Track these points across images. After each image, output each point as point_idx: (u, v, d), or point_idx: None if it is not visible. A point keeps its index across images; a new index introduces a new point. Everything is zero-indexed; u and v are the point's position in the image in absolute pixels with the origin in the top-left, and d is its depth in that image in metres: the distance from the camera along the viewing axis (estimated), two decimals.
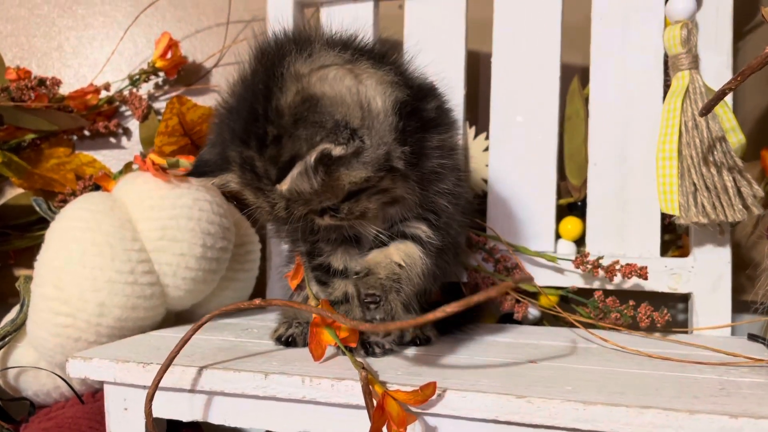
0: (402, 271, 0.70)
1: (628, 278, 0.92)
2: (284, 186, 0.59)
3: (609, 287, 0.96)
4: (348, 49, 0.66)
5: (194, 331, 0.66)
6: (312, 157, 0.57)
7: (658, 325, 0.87)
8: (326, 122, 0.58)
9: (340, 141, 0.58)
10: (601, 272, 0.93)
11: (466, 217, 0.82)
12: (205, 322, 0.66)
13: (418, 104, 0.67)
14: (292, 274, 0.81)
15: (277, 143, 0.59)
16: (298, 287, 0.81)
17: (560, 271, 0.99)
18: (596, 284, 0.97)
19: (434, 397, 0.57)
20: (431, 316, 0.55)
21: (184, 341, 0.65)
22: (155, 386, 0.63)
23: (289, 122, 0.59)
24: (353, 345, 0.69)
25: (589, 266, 0.94)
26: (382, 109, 0.62)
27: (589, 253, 0.96)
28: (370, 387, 0.58)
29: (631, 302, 0.90)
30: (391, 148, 0.62)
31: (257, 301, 0.65)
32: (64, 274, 0.84)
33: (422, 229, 0.72)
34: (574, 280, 0.98)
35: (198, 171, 0.68)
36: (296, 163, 0.57)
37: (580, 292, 0.97)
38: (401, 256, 0.70)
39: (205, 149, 0.69)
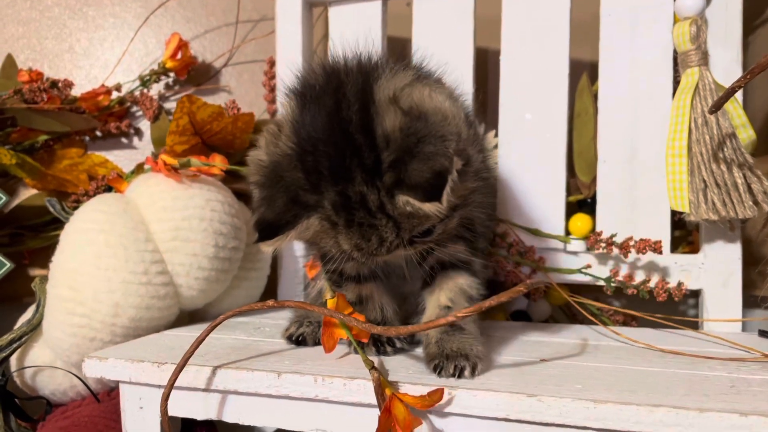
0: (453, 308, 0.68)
1: (643, 253, 0.91)
2: (443, 202, 0.55)
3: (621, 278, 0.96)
4: (407, 68, 0.65)
5: (209, 331, 0.67)
6: (455, 169, 0.54)
7: (676, 299, 0.89)
8: (448, 135, 0.56)
9: (461, 152, 0.56)
10: (615, 251, 0.93)
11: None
12: (219, 323, 0.67)
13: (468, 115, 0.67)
14: (310, 264, 0.82)
15: (397, 167, 0.56)
16: (314, 278, 0.82)
17: (574, 253, 0.99)
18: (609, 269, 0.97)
19: (444, 395, 0.58)
20: (443, 320, 0.56)
21: (199, 341, 0.66)
22: (170, 386, 0.64)
23: (409, 143, 0.56)
24: (365, 340, 0.69)
25: (603, 244, 0.93)
26: (463, 121, 0.61)
27: (602, 231, 0.96)
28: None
29: (647, 277, 0.90)
30: (479, 158, 0.63)
31: (270, 302, 0.66)
32: (79, 276, 0.85)
33: (460, 250, 0.70)
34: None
35: (268, 233, 0.60)
36: (447, 177, 0.54)
37: (591, 287, 0.97)
38: (448, 297, 0.70)
39: (260, 210, 0.61)
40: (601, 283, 0.95)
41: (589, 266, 0.96)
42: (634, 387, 0.59)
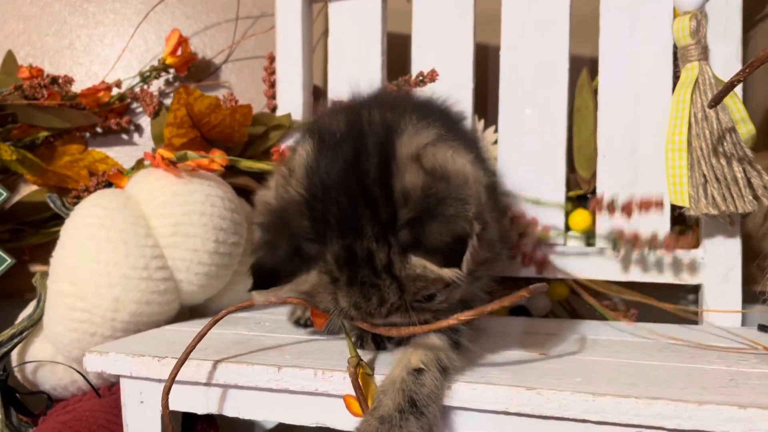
0: (423, 377, 0.58)
1: (646, 211, 0.91)
2: (463, 269, 0.53)
3: (622, 278, 0.96)
4: (431, 121, 0.63)
5: (211, 325, 0.67)
6: (475, 234, 0.52)
7: (683, 249, 0.89)
8: (468, 198, 0.54)
9: (479, 216, 0.54)
10: (618, 215, 0.93)
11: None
12: (222, 317, 0.67)
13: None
14: None
15: (414, 227, 0.54)
16: None
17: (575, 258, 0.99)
18: (612, 270, 0.97)
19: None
20: (444, 323, 0.56)
21: (201, 336, 0.66)
22: (172, 380, 0.64)
23: (429, 203, 0.54)
24: None
25: (605, 208, 0.93)
26: (483, 186, 0.59)
27: (603, 196, 0.96)
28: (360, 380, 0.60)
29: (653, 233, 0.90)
30: (495, 227, 0.61)
31: (273, 297, 0.66)
32: (80, 271, 0.85)
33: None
34: (587, 265, 0.98)
35: (264, 281, 0.58)
36: (468, 242, 0.52)
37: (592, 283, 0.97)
38: (420, 358, 0.60)
39: (260, 253, 0.59)
40: (605, 275, 0.95)
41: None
42: (633, 380, 0.59)
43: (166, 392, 0.65)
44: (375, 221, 0.55)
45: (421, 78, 0.98)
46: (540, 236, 0.96)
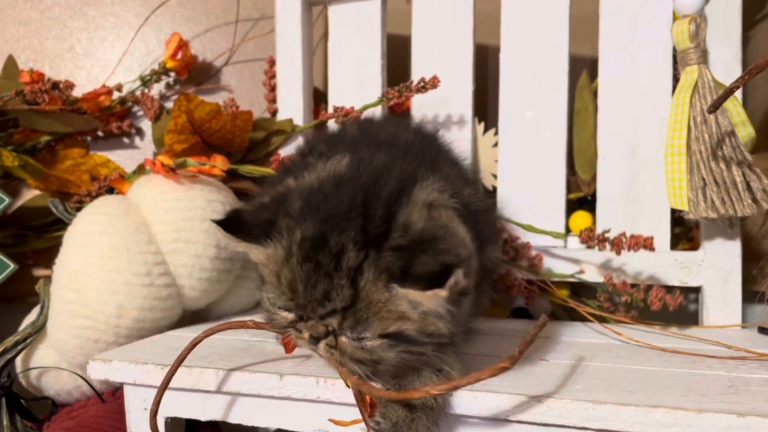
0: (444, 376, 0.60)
1: (635, 250, 0.91)
2: (447, 288, 0.51)
3: (625, 279, 0.96)
4: (452, 190, 0.63)
5: (214, 332, 0.67)
6: (461, 273, 0.51)
7: (671, 308, 0.86)
8: (465, 250, 0.56)
9: (467, 274, 0.53)
10: (608, 249, 0.93)
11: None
12: (229, 326, 0.68)
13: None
14: None
15: (402, 253, 0.54)
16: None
17: (575, 261, 0.99)
18: (612, 273, 0.97)
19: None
20: (413, 393, 0.54)
21: (192, 346, 0.66)
22: (163, 388, 0.64)
23: (424, 238, 0.54)
24: None
25: (596, 241, 0.93)
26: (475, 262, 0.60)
27: (595, 228, 0.96)
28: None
29: (642, 285, 0.89)
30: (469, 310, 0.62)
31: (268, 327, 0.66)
32: (83, 278, 0.86)
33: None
34: (586, 269, 0.98)
35: (230, 226, 0.60)
36: (453, 270, 0.51)
37: (593, 286, 0.98)
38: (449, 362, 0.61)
39: (249, 207, 0.62)
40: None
41: (582, 272, 0.97)
42: (633, 387, 0.59)
43: (157, 402, 0.64)
44: (362, 230, 0.55)
45: (422, 84, 0.98)
46: (531, 270, 0.97)
